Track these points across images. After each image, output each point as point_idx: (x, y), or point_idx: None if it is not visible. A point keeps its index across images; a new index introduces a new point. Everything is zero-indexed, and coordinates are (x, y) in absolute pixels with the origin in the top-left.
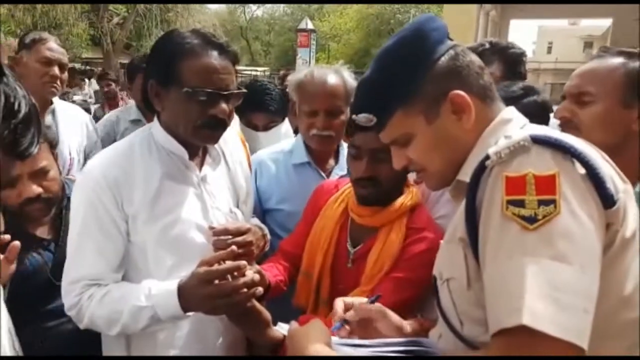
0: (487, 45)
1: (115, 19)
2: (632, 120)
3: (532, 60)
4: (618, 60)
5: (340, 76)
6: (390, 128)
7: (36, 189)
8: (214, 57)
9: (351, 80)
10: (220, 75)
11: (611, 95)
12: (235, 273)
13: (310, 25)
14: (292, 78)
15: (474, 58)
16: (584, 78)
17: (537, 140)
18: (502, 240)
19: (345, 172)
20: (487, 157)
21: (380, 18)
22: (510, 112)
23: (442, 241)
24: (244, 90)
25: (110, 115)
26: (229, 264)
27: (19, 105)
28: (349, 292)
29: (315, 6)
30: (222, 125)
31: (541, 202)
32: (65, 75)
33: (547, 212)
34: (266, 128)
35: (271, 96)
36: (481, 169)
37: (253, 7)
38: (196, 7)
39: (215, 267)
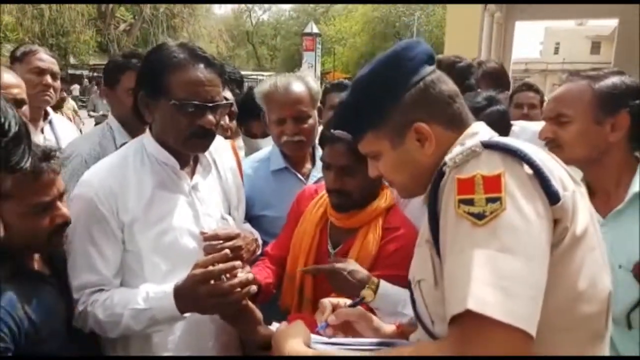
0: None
1: (122, 26)
2: (607, 134)
3: (539, 61)
4: (585, 82)
5: (303, 82)
6: (363, 144)
7: (67, 212)
8: (200, 70)
9: (315, 85)
10: (206, 87)
11: (584, 115)
12: (228, 274)
13: (315, 29)
14: (258, 90)
15: (446, 87)
16: (558, 102)
17: (487, 145)
18: (455, 237)
19: (322, 174)
20: (445, 164)
21: (385, 21)
22: (477, 127)
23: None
24: (230, 102)
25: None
26: (223, 264)
27: (9, 124)
28: (331, 291)
29: (320, 10)
30: (210, 135)
31: (488, 200)
32: (58, 83)
33: (493, 208)
34: (264, 135)
35: None
36: (440, 175)
37: (259, 11)
38: (202, 12)
39: (210, 268)
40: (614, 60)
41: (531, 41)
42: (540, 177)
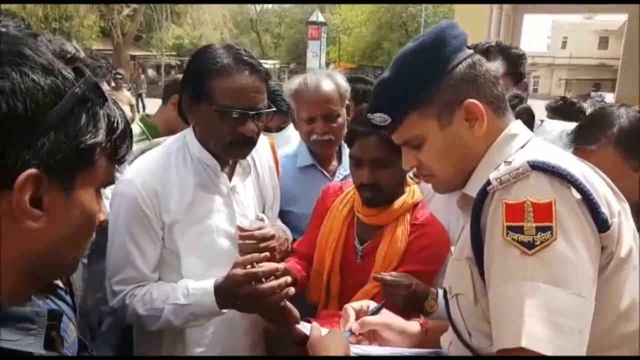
0: (494, 43)
1: (126, 11)
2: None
3: (547, 55)
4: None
5: (333, 81)
6: (403, 129)
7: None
8: (245, 77)
9: (344, 83)
10: (250, 94)
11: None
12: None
13: (321, 18)
14: (287, 87)
15: (490, 67)
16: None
17: (535, 167)
18: (504, 264)
19: (348, 171)
20: (489, 183)
21: (392, 11)
22: (517, 127)
23: (451, 258)
24: (274, 109)
25: None
26: (266, 267)
27: (117, 123)
28: (358, 286)
29: None
30: (250, 142)
31: (539, 229)
32: None
33: (544, 238)
34: (279, 129)
35: (281, 96)
36: (484, 194)
37: None
38: None
39: (251, 269)
40: (622, 55)
41: (539, 35)
42: (590, 203)
